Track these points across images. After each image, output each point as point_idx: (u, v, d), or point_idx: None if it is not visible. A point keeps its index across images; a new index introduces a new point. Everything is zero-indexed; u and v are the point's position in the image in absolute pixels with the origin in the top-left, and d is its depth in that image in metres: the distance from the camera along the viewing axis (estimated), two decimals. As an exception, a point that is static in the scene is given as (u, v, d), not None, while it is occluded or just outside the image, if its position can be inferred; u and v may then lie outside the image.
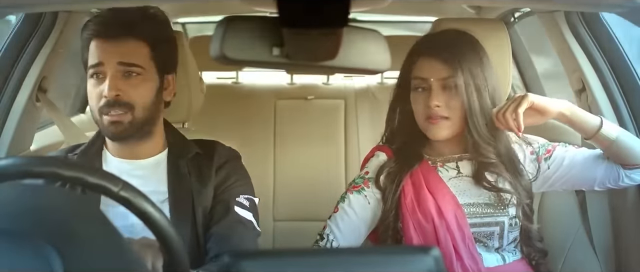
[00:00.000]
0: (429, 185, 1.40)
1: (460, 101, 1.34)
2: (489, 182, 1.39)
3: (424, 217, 1.37)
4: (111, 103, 1.27)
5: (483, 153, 1.37)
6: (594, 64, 1.70)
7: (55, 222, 0.62)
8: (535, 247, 1.45)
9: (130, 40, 1.30)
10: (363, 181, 1.44)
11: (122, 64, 1.28)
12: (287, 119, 2.55)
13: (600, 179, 1.43)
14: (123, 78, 1.28)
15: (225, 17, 0.94)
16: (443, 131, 1.37)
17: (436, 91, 1.35)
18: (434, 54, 1.37)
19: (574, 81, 1.76)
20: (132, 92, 1.28)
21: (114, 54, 1.28)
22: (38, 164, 0.75)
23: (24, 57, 1.75)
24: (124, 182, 0.78)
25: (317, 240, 1.41)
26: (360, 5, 1.12)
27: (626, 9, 1.17)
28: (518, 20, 2.27)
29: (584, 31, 1.73)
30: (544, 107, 1.34)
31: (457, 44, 1.38)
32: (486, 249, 1.40)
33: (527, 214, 1.42)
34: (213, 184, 1.35)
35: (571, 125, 1.39)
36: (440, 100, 1.34)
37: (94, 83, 1.29)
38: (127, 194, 0.76)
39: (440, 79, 1.35)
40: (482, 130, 1.35)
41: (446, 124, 1.36)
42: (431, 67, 1.36)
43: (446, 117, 1.35)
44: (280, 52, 0.93)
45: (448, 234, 1.34)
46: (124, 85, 1.28)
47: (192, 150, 1.38)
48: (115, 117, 1.28)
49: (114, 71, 1.28)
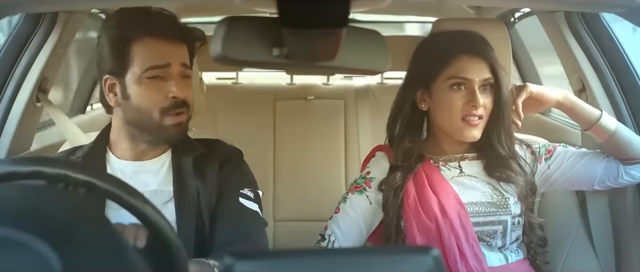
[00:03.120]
0: (431, 184, 1.40)
1: (493, 101, 1.35)
2: (496, 175, 1.40)
3: (427, 216, 1.37)
4: (180, 104, 1.28)
5: (499, 150, 1.39)
6: (594, 64, 1.70)
7: (55, 222, 0.62)
8: (536, 235, 1.45)
9: (182, 43, 1.31)
10: (364, 181, 1.44)
11: (184, 65, 1.30)
12: (287, 120, 2.55)
13: (600, 177, 1.43)
14: (183, 79, 1.30)
15: (225, 17, 0.94)
16: (476, 132, 1.36)
17: (476, 91, 1.34)
18: (476, 53, 1.35)
19: (574, 81, 1.76)
20: (189, 92, 1.31)
21: (177, 55, 1.29)
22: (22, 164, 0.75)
23: (24, 58, 1.75)
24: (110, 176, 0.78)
25: (318, 240, 1.41)
26: (360, 5, 1.12)
27: (626, 9, 1.17)
28: (518, 20, 2.27)
29: (584, 31, 1.73)
30: (542, 96, 1.36)
31: (487, 44, 1.38)
32: (489, 248, 1.40)
33: (530, 207, 1.44)
34: (217, 181, 1.35)
35: (570, 114, 1.41)
36: (478, 100, 1.34)
37: (153, 83, 1.27)
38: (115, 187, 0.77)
39: (482, 79, 1.35)
40: (508, 128, 1.38)
41: (481, 124, 1.36)
42: (475, 67, 1.35)
43: (481, 117, 1.36)
44: (280, 53, 0.93)
45: (452, 234, 1.34)
46: (184, 86, 1.30)
47: (196, 150, 1.38)
48: (180, 118, 1.29)
49: (179, 72, 1.29)
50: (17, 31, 1.75)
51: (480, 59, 1.35)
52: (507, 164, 1.40)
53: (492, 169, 1.41)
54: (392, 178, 1.41)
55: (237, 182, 1.36)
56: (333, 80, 2.75)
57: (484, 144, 1.39)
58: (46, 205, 0.66)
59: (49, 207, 0.66)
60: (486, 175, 1.42)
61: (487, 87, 1.36)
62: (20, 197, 0.68)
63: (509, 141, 1.39)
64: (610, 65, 1.69)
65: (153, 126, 1.29)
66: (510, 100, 1.38)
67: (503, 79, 1.35)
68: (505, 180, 1.40)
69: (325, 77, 2.71)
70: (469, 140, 1.38)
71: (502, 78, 1.35)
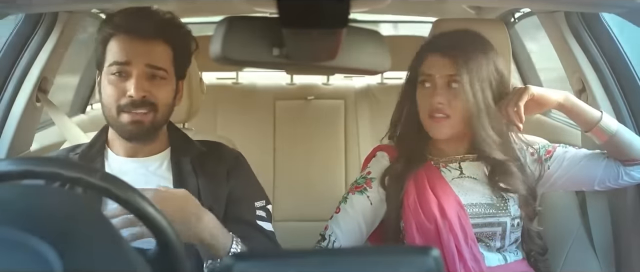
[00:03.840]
0: (432, 185, 1.40)
1: (463, 101, 1.34)
2: (497, 183, 1.39)
3: (427, 217, 1.37)
4: (137, 103, 1.27)
5: (490, 153, 1.37)
6: (594, 64, 1.70)
7: (55, 222, 0.62)
8: (536, 244, 1.45)
9: (159, 43, 1.30)
10: (365, 181, 1.44)
11: (149, 66, 1.28)
12: (287, 120, 2.55)
13: (600, 178, 1.43)
14: (148, 79, 1.28)
15: (225, 18, 0.94)
16: (444, 130, 1.37)
17: (440, 88, 1.35)
18: (441, 52, 1.37)
19: (574, 81, 1.76)
20: (157, 93, 1.29)
21: (142, 54, 1.28)
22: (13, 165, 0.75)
23: (24, 58, 1.75)
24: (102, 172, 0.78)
25: (318, 240, 1.41)
26: (360, 5, 1.12)
27: (626, 9, 1.17)
28: (518, 20, 2.27)
29: (584, 31, 1.73)
30: (543, 98, 1.35)
31: (466, 44, 1.38)
32: (488, 249, 1.40)
33: (530, 216, 1.42)
34: (226, 188, 1.35)
35: (571, 116, 1.40)
36: (443, 97, 1.34)
37: (114, 80, 1.28)
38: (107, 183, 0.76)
39: (444, 76, 1.35)
40: (488, 129, 1.35)
41: (448, 122, 1.36)
42: (437, 64, 1.36)
43: (447, 115, 1.35)
44: (280, 53, 0.93)
45: (451, 235, 1.34)
46: (149, 86, 1.28)
47: (195, 149, 1.39)
48: (138, 117, 1.28)
49: (141, 72, 1.28)
50: (17, 31, 1.76)
51: (446, 57, 1.35)
52: (506, 168, 1.38)
53: (492, 173, 1.40)
54: (393, 176, 1.41)
55: (250, 197, 1.37)
56: (333, 80, 2.75)
57: (478, 144, 1.39)
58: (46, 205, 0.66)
59: (48, 207, 0.66)
60: (486, 177, 1.41)
61: (453, 85, 1.35)
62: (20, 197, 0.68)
63: (498, 143, 1.36)
64: (610, 65, 1.69)
65: (112, 122, 1.31)
66: (489, 100, 1.35)
67: (467, 77, 1.33)
68: (504, 189, 1.39)
69: (326, 77, 2.71)
70: (437, 137, 1.38)
71: (470, 77, 1.33)
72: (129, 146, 1.35)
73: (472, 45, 1.38)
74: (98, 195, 0.78)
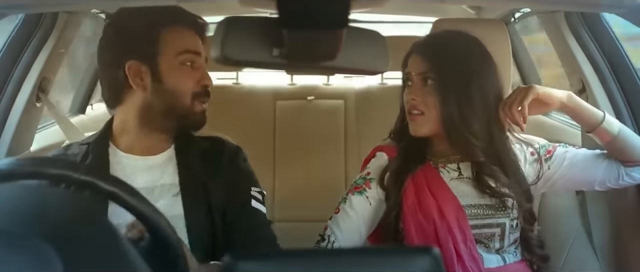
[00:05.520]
0: (430, 186, 1.40)
1: (437, 98, 1.35)
2: (487, 185, 1.38)
3: (425, 218, 1.37)
4: (208, 92, 1.34)
5: (470, 154, 1.37)
6: (594, 64, 1.70)
7: (55, 222, 0.62)
8: (536, 253, 1.45)
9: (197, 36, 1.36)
10: (364, 181, 1.44)
11: (206, 59, 1.35)
12: (287, 120, 2.55)
13: (600, 178, 1.43)
14: (206, 70, 1.35)
15: (225, 18, 0.94)
16: (419, 127, 1.38)
17: (415, 85, 1.38)
18: (418, 51, 1.40)
19: (574, 81, 1.76)
20: (211, 83, 1.37)
21: (203, 47, 1.35)
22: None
23: (24, 58, 1.75)
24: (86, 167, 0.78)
25: (318, 240, 1.41)
26: (360, 5, 1.12)
27: (626, 9, 1.17)
28: (518, 20, 2.27)
29: (584, 31, 1.73)
30: (548, 97, 1.34)
31: (447, 44, 1.40)
32: (487, 250, 1.39)
33: (527, 219, 1.42)
34: (226, 178, 1.36)
35: (574, 115, 1.40)
36: (417, 94, 1.36)
37: (186, 69, 1.31)
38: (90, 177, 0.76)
39: (418, 73, 1.37)
40: (464, 130, 1.34)
41: (422, 119, 1.37)
42: (413, 62, 1.39)
43: (422, 112, 1.37)
44: (281, 53, 0.93)
45: (449, 235, 1.34)
46: (209, 76, 1.36)
47: (199, 144, 1.40)
48: (205, 107, 1.35)
49: (204, 63, 1.34)
50: (17, 31, 1.76)
51: (421, 55, 1.38)
52: (490, 170, 1.37)
53: (479, 174, 1.39)
54: (392, 176, 1.41)
55: (246, 183, 1.38)
56: (333, 80, 2.76)
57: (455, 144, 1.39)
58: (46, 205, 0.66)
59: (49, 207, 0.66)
60: (475, 178, 1.41)
61: (428, 82, 1.36)
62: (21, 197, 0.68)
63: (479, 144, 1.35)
64: (610, 65, 1.69)
65: (183, 110, 1.32)
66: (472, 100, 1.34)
67: (439, 74, 1.34)
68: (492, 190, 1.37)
69: (326, 77, 2.71)
70: (414, 134, 1.39)
71: (441, 74, 1.34)
72: (142, 141, 1.35)
73: (452, 44, 1.40)
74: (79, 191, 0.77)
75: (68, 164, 0.78)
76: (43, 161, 0.77)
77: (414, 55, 1.40)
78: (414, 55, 1.40)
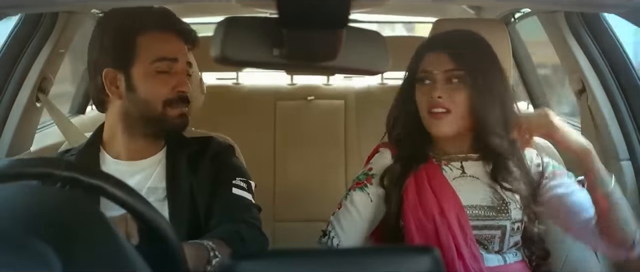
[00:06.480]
0: (432, 184, 1.39)
1: (464, 96, 1.34)
2: (499, 182, 1.38)
3: (425, 216, 1.36)
4: (184, 98, 1.32)
5: (494, 148, 1.36)
6: (594, 64, 1.70)
7: (55, 222, 0.62)
8: (538, 248, 1.44)
9: (184, 43, 1.34)
10: (366, 177, 1.44)
11: (188, 63, 1.34)
12: (287, 120, 2.55)
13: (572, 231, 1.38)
14: (186, 76, 1.34)
15: (225, 18, 0.94)
16: (444, 126, 1.36)
17: (440, 84, 1.35)
18: (440, 49, 1.38)
19: (574, 81, 1.76)
20: (189, 90, 1.35)
21: (183, 52, 1.33)
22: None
23: (24, 58, 1.75)
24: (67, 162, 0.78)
25: (320, 236, 1.42)
26: (360, 6, 1.12)
27: (626, 9, 1.17)
28: (518, 20, 2.27)
29: (584, 31, 1.73)
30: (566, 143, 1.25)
31: (465, 41, 1.40)
32: (486, 251, 1.39)
33: (531, 219, 1.40)
34: (209, 175, 1.36)
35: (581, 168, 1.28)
36: (443, 92, 1.34)
37: (161, 76, 1.30)
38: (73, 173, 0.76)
39: (444, 71, 1.35)
40: (493, 125, 1.34)
41: (448, 118, 1.35)
42: (436, 61, 1.37)
43: (448, 110, 1.34)
44: (281, 53, 0.93)
45: (449, 234, 1.34)
46: (188, 82, 1.34)
47: (190, 147, 1.39)
48: (183, 111, 1.33)
49: (183, 68, 1.33)
50: (17, 31, 1.76)
51: (445, 53, 1.36)
52: (508, 166, 1.37)
53: (494, 171, 1.39)
54: (393, 174, 1.41)
55: (229, 174, 1.37)
56: (333, 80, 2.76)
57: (480, 141, 1.38)
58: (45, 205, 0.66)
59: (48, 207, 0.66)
60: (488, 177, 1.41)
61: (454, 81, 1.35)
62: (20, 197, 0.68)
63: (503, 139, 1.35)
64: (610, 65, 1.69)
65: (156, 117, 1.31)
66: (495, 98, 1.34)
67: (468, 71, 1.33)
68: (506, 188, 1.37)
69: (326, 77, 2.71)
70: (438, 134, 1.38)
71: (469, 71, 1.33)
72: (131, 145, 1.34)
73: (471, 42, 1.39)
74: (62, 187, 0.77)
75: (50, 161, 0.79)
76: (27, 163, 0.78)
77: (435, 53, 1.38)
78: (434, 54, 1.38)
